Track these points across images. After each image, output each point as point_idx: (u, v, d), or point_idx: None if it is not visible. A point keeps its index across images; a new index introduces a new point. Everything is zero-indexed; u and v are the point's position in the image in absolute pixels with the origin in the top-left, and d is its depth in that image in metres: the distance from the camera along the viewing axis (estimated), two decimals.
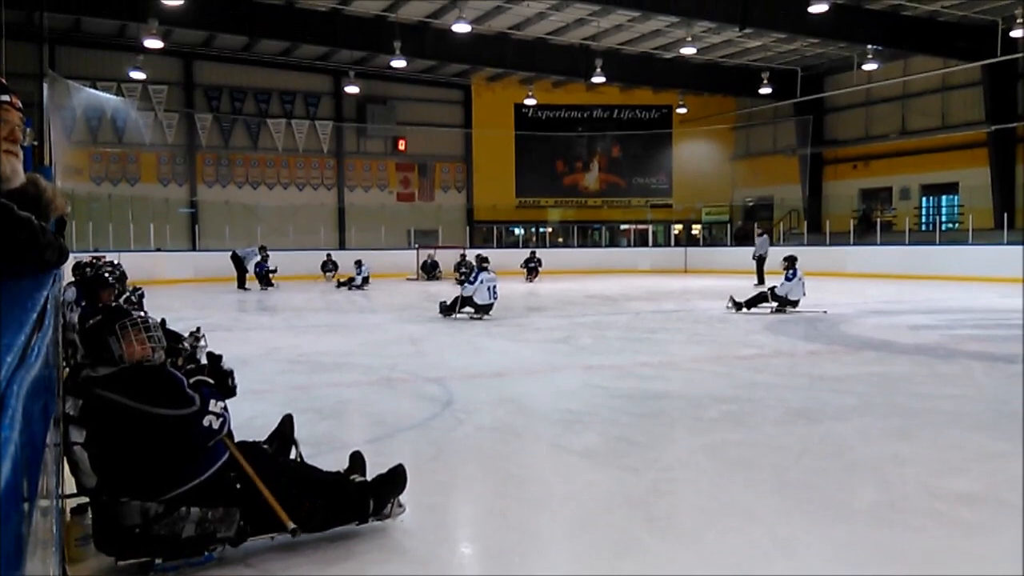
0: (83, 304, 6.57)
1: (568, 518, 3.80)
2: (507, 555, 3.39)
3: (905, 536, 3.49)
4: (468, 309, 12.85)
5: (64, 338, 6.01)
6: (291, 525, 3.19)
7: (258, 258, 21.65)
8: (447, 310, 12.97)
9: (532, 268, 25.20)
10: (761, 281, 19.63)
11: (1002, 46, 21.94)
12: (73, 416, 3.06)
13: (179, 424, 3.14)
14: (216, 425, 3.22)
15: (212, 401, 3.26)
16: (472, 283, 12.80)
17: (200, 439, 3.20)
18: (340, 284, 21.69)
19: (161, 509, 3.06)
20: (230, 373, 3.60)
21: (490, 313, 12.82)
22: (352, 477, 3.65)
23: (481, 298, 12.68)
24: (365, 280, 21.49)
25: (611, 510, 3.86)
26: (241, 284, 21.18)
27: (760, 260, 21.37)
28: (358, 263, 21.84)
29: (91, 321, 3.29)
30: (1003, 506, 3.82)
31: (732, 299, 13.71)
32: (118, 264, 9.29)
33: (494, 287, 12.78)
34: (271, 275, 21.43)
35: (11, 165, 2.00)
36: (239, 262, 21.37)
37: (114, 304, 3.44)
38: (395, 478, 3.61)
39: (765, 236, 23.67)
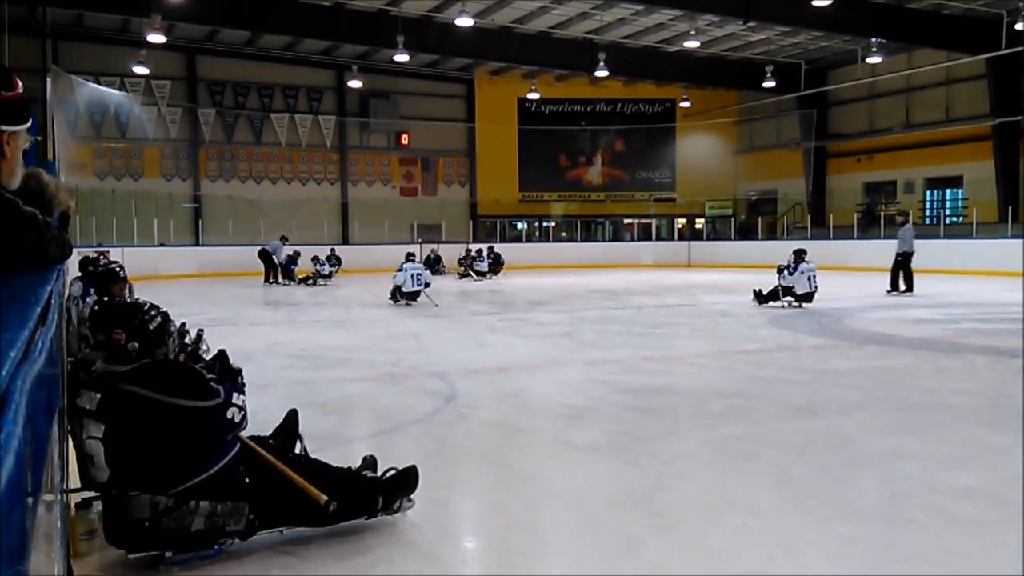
0: (86, 298, 6.58)
1: (571, 514, 3.80)
2: (511, 551, 3.40)
3: (907, 532, 3.49)
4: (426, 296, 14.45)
5: (72, 332, 6.02)
6: (324, 498, 3.22)
7: (284, 248, 21.84)
8: (392, 296, 14.57)
9: (481, 264, 24.04)
10: (899, 286, 15.70)
11: (1007, 39, 21.84)
12: (90, 411, 3.06)
13: (203, 416, 3.16)
14: (237, 418, 3.26)
15: (235, 395, 3.29)
16: (400, 271, 14.47)
17: (222, 431, 3.24)
18: (301, 280, 21.20)
19: (170, 503, 3.08)
20: (239, 371, 3.62)
21: (417, 300, 14.33)
22: (364, 473, 3.68)
23: (407, 286, 14.29)
24: (330, 274, 21.53)
25: (614, 506, 3.86)
26: (268, 278, 21.25)
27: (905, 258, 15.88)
28: (316, 258, 21.75)
29: (152, 320, 3.27)
30: (1005, 502, 3.82)
31: (760, 292, 13.70)
32: (117, 262, 9.29)
33: (417, 275, 14.36)
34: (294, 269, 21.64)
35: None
36: (267, 257, 21.44)
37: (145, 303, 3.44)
38: (407, 478, 3.63)
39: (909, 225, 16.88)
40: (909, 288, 15.61)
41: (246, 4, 22.67)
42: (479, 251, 24.74)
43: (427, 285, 14.62)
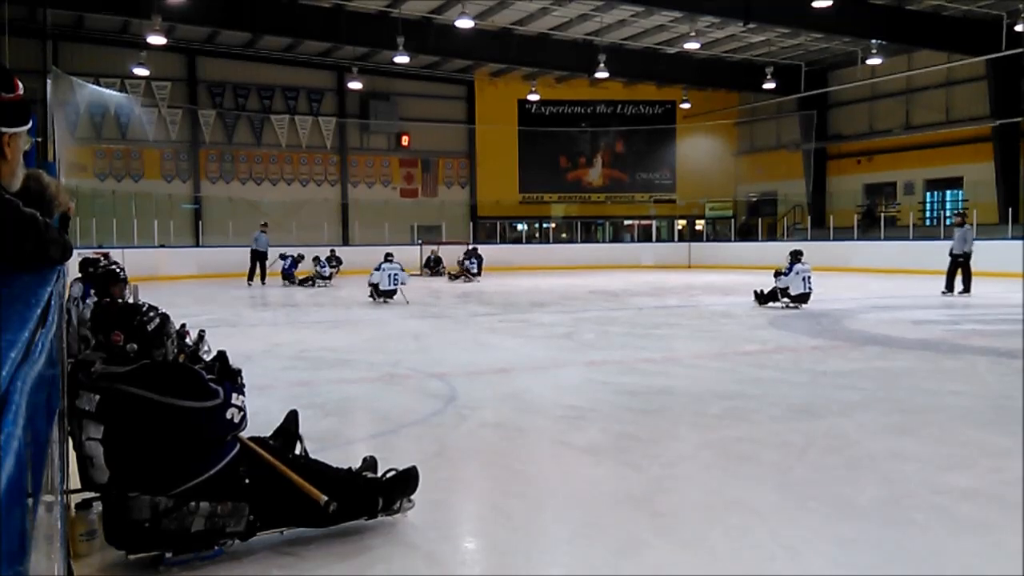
0: (86, 300, 6.58)
1: (571, 516, 3.81)
2: (511, 552, 3.40)
3: (908, 533, 3.49)
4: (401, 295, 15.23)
5: (72, 333, 6.02)
6: (324, 499, 3.23)
7: (264, 237, 21.79)
8: (372, 295, 15.27)
9: (473, 266, 23.70)
10: (954, 287, 15.56)
11: (1006, 40, 21.88)
12: (90, 412, 3.06)
13: (202, 416, 3.17)
14: (237, 419, 3.27)
15: (234, 395, 3.30)
16: (377, 271, 15.21)
17: (221, 431, 3.24)
18: (301, 282, 21.14)
19: (170, 504, 3.08)
20: (238, 372, 3.62)
21: (393, 298, 15.08)
22: (364, 474, 3.69)
23: (383, 285, 15.06)
24: (330, 275, 21.54)
25: (614, 507, 3.86)
26: (251, 277, 21.15)
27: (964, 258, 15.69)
28: (316, 259, 21.73)
29: (151, 322, 3.27)
30: (1006, 504, 3.82)
31: (761, 292, 13.71)
32: (117, 263, 9.28)
33: (394, 275, 15.10)
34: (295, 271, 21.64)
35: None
36: (259, 256, 21.40)
37: (144, 305, 3.43)
38: (407, 479, 3.63)
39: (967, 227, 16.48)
40: (967, 289, 15.42)
41: (246, 5, 22.68)
42: (466, 253, 24.80)
43: (402, 283, 15.39)
